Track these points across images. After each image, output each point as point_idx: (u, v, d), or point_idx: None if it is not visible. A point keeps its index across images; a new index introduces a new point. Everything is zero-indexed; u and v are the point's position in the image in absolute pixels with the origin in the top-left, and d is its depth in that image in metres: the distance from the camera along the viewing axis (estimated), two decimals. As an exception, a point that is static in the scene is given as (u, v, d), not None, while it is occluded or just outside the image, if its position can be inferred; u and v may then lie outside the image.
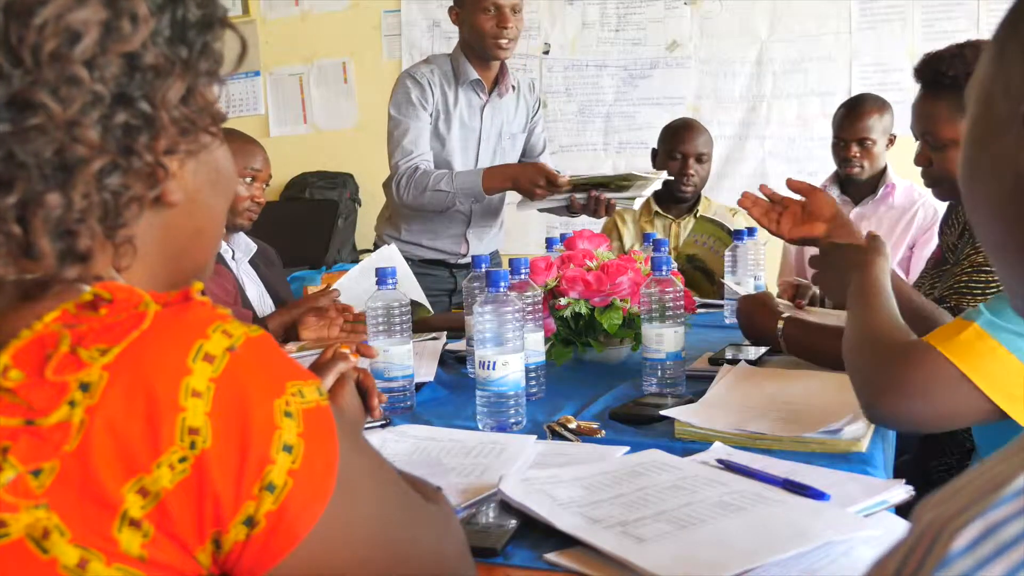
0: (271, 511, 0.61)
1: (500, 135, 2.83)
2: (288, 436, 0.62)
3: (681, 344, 1.62)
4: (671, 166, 3.02)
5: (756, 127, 4.05)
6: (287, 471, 0.61)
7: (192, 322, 0.62)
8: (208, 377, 0.60)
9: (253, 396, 0.61)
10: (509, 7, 2.61)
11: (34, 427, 0.57)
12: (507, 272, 1.48)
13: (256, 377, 0.62)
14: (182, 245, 0.72)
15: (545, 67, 4.20)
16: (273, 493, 0.61)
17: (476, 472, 1.19)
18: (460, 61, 2.73)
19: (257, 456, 0.60)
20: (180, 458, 0.58)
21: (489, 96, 2.77)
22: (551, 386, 1.66)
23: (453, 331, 2.10)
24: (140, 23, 0.63)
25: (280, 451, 0.61)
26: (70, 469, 0.57)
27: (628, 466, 1.17)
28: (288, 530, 0.62)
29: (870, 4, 3.88)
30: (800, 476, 1.09)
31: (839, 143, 3.01)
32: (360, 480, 0.68)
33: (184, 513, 0.59)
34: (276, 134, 4.35)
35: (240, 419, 0.60)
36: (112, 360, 0.59)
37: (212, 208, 0.74)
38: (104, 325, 0.60)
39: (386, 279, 1.61)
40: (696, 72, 4.07)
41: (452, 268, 2.89)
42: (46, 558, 0.57)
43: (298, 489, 0.62)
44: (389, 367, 1.58)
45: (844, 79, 3.93)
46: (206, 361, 0.60)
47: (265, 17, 4.38)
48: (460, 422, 1.48)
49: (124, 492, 0.57)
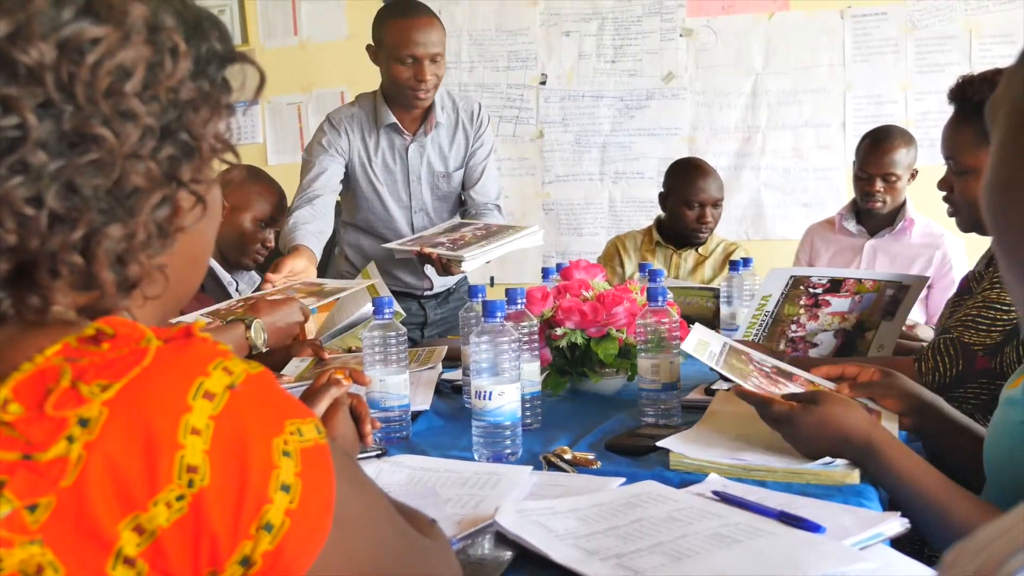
0: (268, 551, 0.61)
1: (433, 173, 2.74)
2: (286, 476, 0.62)
3: (676, 375, 1.63)
4: (688, 215, 3.06)
5: (751, 158, 4.07)
6: (284, 511, 0.61)
7: (193, 359, 0.62)
8: (208, 415, 0.60)
9: (252, 435, 0.62)
10: (428, 58, 2.53)
11: (31, 462, 0.57)
12: (503, 302, 1.48)
13: (255, 415, 0.62)
14: (181, 273, 0.74)
15: (542, 97, 4.23)
16: (271, 533, 0.61)
17: (472, 503, 1.19)
18: (378, 104, 2.68)
19: (255, 495, 0.61)
20: (178, 496, 0.58)
21: (414, 136, 2.70)
22: (547, 416, 1.66)
23: (449, 360, 2.11)
24: (180, 59, 0.66)
25: (278, 490, 0.62)
26: (66, 505, 0.56)
27: (624, 497, 1.17)
28: (285, 571, 0.62)
29: (863, 37, 3.92)
30: (795, 508, 1.09)
31: (863, 176, 2.97)
32: (357, 518, 0.69)
33: (180, 552, 0.59)
34: (274, 162, 4.37)
35: (239, 458, 0.61)
36: (113, 396, 0.58)
37: (205, 235, 0.76)
38: (106, 360, 0.60)
39: (383, 309, 1.61)
40: (692, 103, 4.11)
41: (420, 300, 2.87)
42: None
43: (295, 529, 0.62)
44: (385, 396, 1.58)
45: (838, 111, 3.97)
46: (206, 399, 0.60)
47: (264, 46, 4.42)
48: (456, 452, 1.48)
49: (120, 529, 0.57)
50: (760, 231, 4.08)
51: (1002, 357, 1.65)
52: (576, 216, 4.25)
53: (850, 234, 3.09)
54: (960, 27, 3.82)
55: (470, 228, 2.45)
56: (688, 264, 3.15)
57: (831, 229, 3.16)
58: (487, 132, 2.80)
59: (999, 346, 1.66)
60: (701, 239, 3.12)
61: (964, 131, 1.69)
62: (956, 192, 1.74)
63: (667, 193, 3.17)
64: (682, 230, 3.11)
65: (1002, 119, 0.61)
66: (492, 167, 2.81)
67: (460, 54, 4.20)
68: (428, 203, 2.76)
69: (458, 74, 4.20)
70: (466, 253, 2.21)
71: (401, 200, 2.73)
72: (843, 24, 3.93)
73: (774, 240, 4.01)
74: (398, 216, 2.74)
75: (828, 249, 3.14)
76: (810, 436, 1.27)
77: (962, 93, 1.70)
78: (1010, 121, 0.60)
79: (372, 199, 2.71)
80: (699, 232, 3.09)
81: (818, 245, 3.18)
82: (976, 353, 1.67)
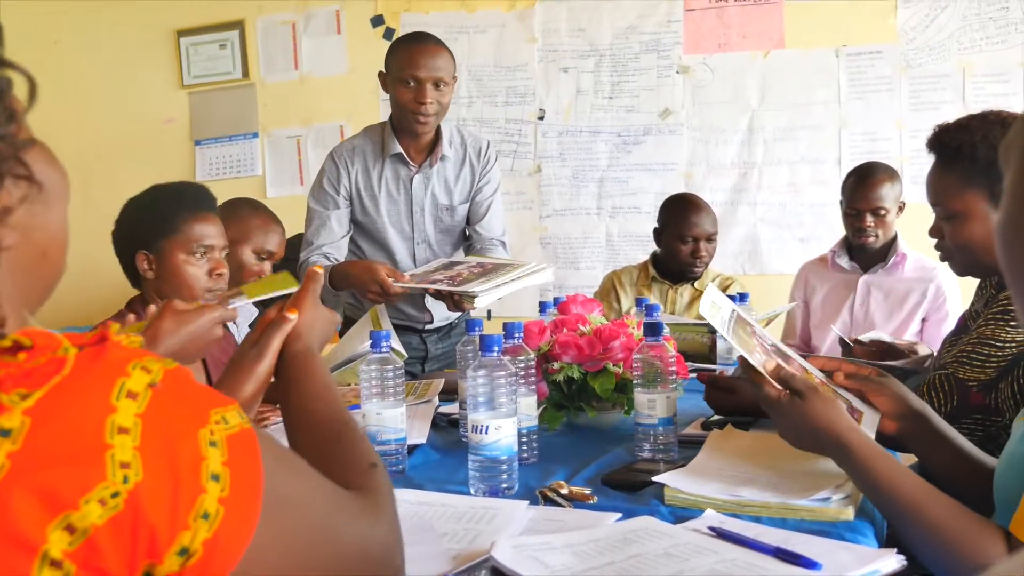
0: (207, 539, 0.64)
1: (436, 206, 2.75)
2: (214, 465, 0.65)
3: (673, 409, 1.63)
4: (682, 249, 3.08)
5: (748, 193, 4.10)
6: (217, 499, 0.64)
7: (112, 362, 0.64)
8: (134, 413, 0.62)
9: (179, 428, 0.64)
10: (431, 81, 2.54)
11: None
12: (500, 336, 1.49)
13: (180, 409, 0.65)
14: (31, 269, 0.72)
15: (540, 132, 4.26)
16: (207, 520, 0.64)
17: (468, 538, 1.19)
18: (386, 134, 2.69)
19: (189, 486, 0.63)
20: (112, 493, 0.59)
21: (420, 167, 2.71)
22: (543, 450, 1.66)
23: (446, 393, 2.11)
24: None
25: (209, 480, 0.64)
26: None
27: (620, 533, 1.17)
28: (222, 557, 0.65)
29: (858, 75, 3.97)
30: (792, 545, 1.09)
31: (852, 213, 2.99)
32: (286, 498, 0.72)
33: (116, 548, 0.60)
34: (273, 195, 4.39)
35: (169, 452, 0.63)
36: (33, 405, 0.59)
37: (48, 226, 0.73)
38: (23, 371, 0.61)
39: (379, 343, 1.62)
40: (688, 139, 4.14)
41: (421, 334, 2.86)
42: None
43: (229, 516, 0.65)
44: (382, 430, 1.58)
45: (834, 147, 4.00)
46: (130, 398, 0.62)
47: (264, 80, 4.45)
48: (452, 486, 1.48)
49: (48, 532, 0.58)
50: (756, 266, 4.09)
51: (997, 393, 1.66)
52: (573, 250, 4.27)
53: (843, 270, 3.11)
54: (953, 66, 3.86)
55: (464, 266, 2.45)
56: (684, 299, 3.16)
57: (824, 266, 3.18)
58: (494, 169, 2.81)
59: (994, 382, 1.66)
60: (696, 273, 3.13)
61: (947, 176, 1.70)
62: (947, 237, 1.74)
63: (662, 228, 3.19)
64: (677, 265, 3.13)
65: (1014, 159, 0.63)
66: (498, 204, 2.82)
67: (459, 89, 4.23)
68: (431, 235, 2.76)
69: (457, 109, 4.24)
70: (478, 289, 2.20)
71: (404, 231, 2.74)
72: (838, 62, 3.98)
73: (770, 275, 4.02)
74: (400, 247, 2.74)
75: (823, 286, 3.16)
76: (789, 426, 1.30)
77: (939, 141, 1.71)
78: (1021, 161, 0.62)
79: (374, 229, 2.72)
80: (694, 267, 3.10)
81: (813, 282, 3.19)
82: (971, 389, 1.68)
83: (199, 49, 4.48)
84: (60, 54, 4.43)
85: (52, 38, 4.43)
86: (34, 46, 4.36)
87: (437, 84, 2.55)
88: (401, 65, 2.56)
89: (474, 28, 4.28)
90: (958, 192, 1.68)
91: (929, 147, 1.75)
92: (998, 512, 1.20)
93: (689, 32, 4.11)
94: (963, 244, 1.70)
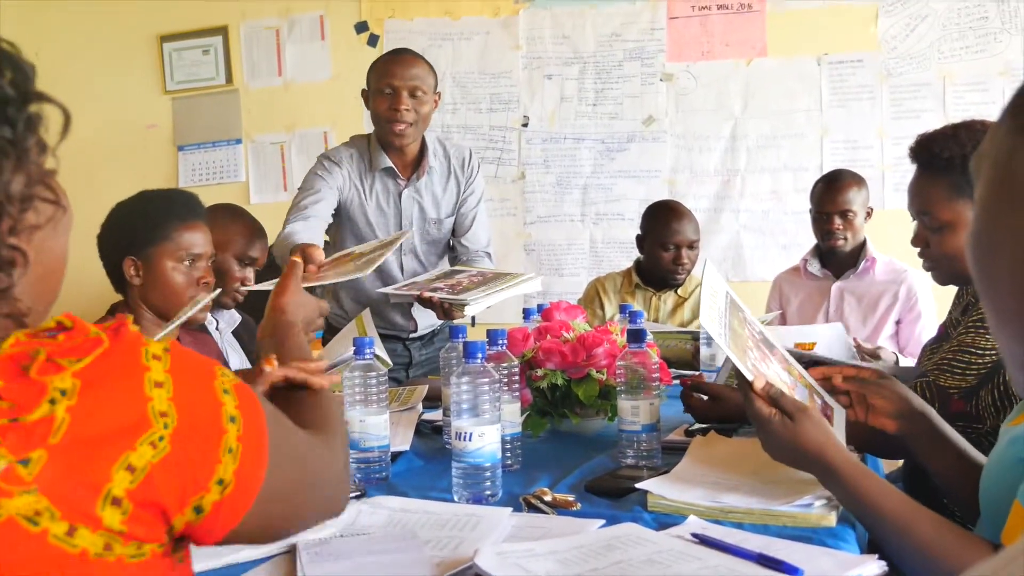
0: (236, 469, 0.76)
1: (425, 219, 2.74)
2: (230, 410, 0.78)
3: (656, 416, 1.63)
4: (664, 256, 3.09)
5: (731, 200, 4.12)
6: (236, 437, 0.77)
7: (133, 336, 0.75)
8: (163, 370, 0.74)
9: (198, 381, 0.77)
10: (406, 89, 2.53)
11: (18, 424, 0.67)
12: (484, 343, 1.49)
13: (193, 367, 0.77)
14: (32, 288, 0.79)
15: (524, 139, 4.26)
16: (232, 455, 0.76)
17: (451, 545, 1.19)
18: (373, 148, 2.67)
19: (215, 429, 0.76)
20: (159, 437, 0.71)
21: (408, 180, 2.70)
22: (527, 457, 1.66)
23: (430, 400, 2.10)
24: None
25: (228, 422, 0.77)
26: (57, 458, 0.67)
27: (603, 540, 1.17)
28: (249, 484, 0.78)
29: (840, 83, 3.99)
30: (774, 551, 1.09)
31: (821, 216, 3.04)
32: (280, 432, 0.85)
33: (168, 483, 0.72)
34: (256, 201, 4.37)
35: (195, 400, 0.75)
36: (82, 368, 0.70)
37: (53, 250, 0.81)
38: (66, 347, 0.71)
39: (363, 350, 1.61)
40: (672, 146, 4.15)
41: (405, 342, 2.86)
42: (36, 530, 0.66)
43: (247, 450, 0.78)
44: (365, 437, 1.57)
45: (816, 155, 4.02)
46: (156, 359, 0.74)
47: (248, 86, 4.44)
48: (436, 493, 1.47)
49: (113, 472, 0.69)
50: (739, 273, 4.11)
51: (977, 400, 1.67)
52: (557, 257, 4.27)
53: (816, 278, 3.14)
54: (934, 75, 3.89)
55: (465, 275, 2.44)
56: (667, 306, 3.17)
57: (798, 275, 3.21)
58: (478, 179, 2.81)
59: (974, 389, 1.67)
60: (678, 280, 3.14)
61: (936, 186, 1.70)
62: (933, 247, 1.74)
63: (644, 235, 3.20)
64: (659, 272, 3.14)
65: (985, 172, 0.63)
66: (483, 214, 2.82)
67: (443, 96, 4.23)
68: (418, 247, 2.77)
69: (441, 116, 4.24)
70: (469, 297, 2.21)
71: None
72: (820, 71, 4.01)
73: (753, 282, 4.04)
74: (388, 258, 2.74)
75: (797, 295, 3.18)
76: (776, 445, 1.30)
77: (927, 151, 1.71)
78: (993, 174, 0.62)
79: (363, 241, 2.70)
80: (676, 273, 3.11)
81: (787, 292, 3.22)
82: (951, 396, 1.69)
83: (182, 54, 4.46)
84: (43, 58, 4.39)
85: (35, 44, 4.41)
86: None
87: (413, 92, 2.55)
88: (379, 76, 2.58)
89: (458, 35, 4.28)
90: (948, 203, 1.69)
91: (914, 157, 1.75)
92: (983, 519, 1.21)
93: (672, 40, 4.13)
94: (951, 254, 1.70)
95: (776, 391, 1.31)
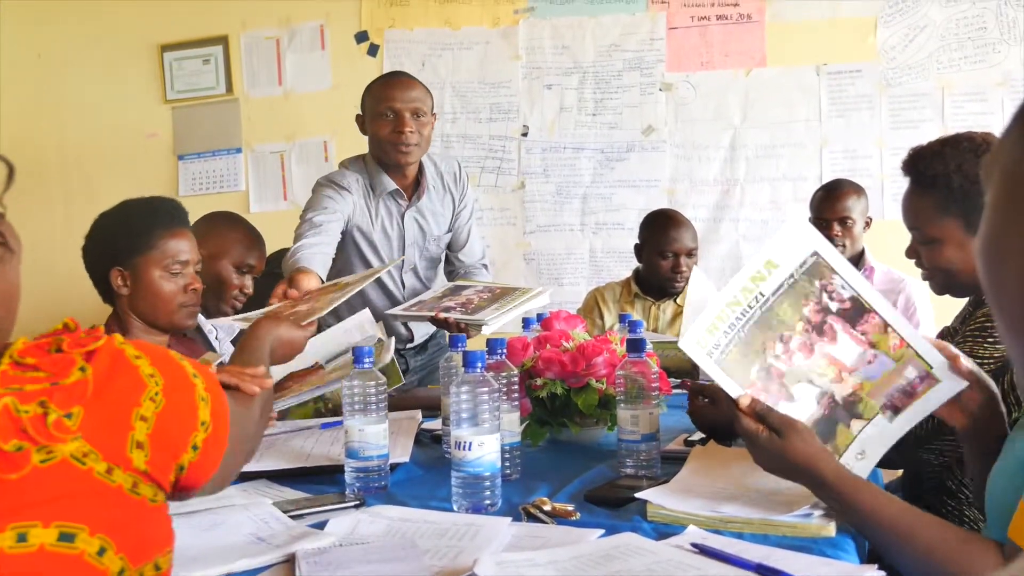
0: (211, 411, 1.00)
1: (426, 238, 2.75)
2: (190, 369, 1.01)
3: (656, 426, 1.63)
4: (663, 265, 3.09)
5: (730, 210, 4.12)
6: (204, 388, 1.01)
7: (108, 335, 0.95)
8: (134, 348, 0.95)
9: (159, 353, 0.98)
10: (408, 111, 2.53)
11: (59, 386, 0.87)
12: (484, 352, 1.49)
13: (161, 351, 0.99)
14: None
15: (523, 148, 4.27)
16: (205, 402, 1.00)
17: (451, 554, 1.19)
18: (375, 171, 2.64)
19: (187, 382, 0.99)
20: (155, 393, 0.94)
21: (410, 201, 2.69)
22: (526, 467, 1.66)
23: (429, 409, 2.10)
24: None
25: (193, 377, 1.00)
26: (91, 412, 0.88)
27: (603, 549, 1.17)
28: (221, 423, 1.02)
29: (839, 93, 4.00)
30: (773, 561, 1.09)
31: (820, 223, 3.04)
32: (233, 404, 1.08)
33: (173, 425, 0.95)
34: (256, 210, 4.37)
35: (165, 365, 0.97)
36: (93, 351, 0.91)
37: (6, 276, 0.96)
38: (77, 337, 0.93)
39: (362, 359, 1.61)
40: (671, 156, 4.16)
41: (400, 352, 2.85)
42: (84, 468, 0.87)
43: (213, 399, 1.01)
44: (364, 447, 1.57)
45: (815, 165, 4.03)
46: (124, 344, 0.95)
47: (248, 95, 4.44)
48: (435, 503, 1.47)
49: (133, 420, 0.91)
50: (739, 282, 4.10)
51: (977, 408, 1.66)
52: (557, 266, 4.28)
53: None
54: (933, 85, 3.90)
55: (472, 290, 2.44)
56: (667, 315, 3.17)
57: None
58: (469, 192, 2.83)
59: None
60: (677, 289, 3.13)
61: (924, 203, 1.70)
62: (925, 259, 1.76)
63: (642, 244, 3.20)
64: (658, 281, 3.14)
65: (995, 179, 0.64)
66: (475, 227, 2.84)
67: (443, 106, 4.24)
68: (418, 264, 2.78)
69: (441, 125, 4.24)
70: (486, 317, 2.20)
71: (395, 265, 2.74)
72: (819, 81, 4.01)
73: (753, 291, 4.03)
74: (388, 276, 2.74)
75: None
76: (766, 459, 1.31)
77: (915, 167, 1.72)
78: (1002, 181, 0.63)
79: (366, 261, 2.70)
80: (674, 282, 3.11)
81: None
82: None
83: (183, 64, 4.46)
84: (43, 67, 4.40)
85: (35, 52, 4.42)
86: (17, 59, 4.35)
87: (416, 114, 2.54)
88: (377, 99, 2.56)
89: (458, 45, 4.29)
90: (934, 219, 1.69)
91: (904, 171, 1.76)
92: (989, 522, 1.21)
93: (672, 50, 4.14)
94: (943, 267, 1.71)
95: (763, 407, 1.31)
